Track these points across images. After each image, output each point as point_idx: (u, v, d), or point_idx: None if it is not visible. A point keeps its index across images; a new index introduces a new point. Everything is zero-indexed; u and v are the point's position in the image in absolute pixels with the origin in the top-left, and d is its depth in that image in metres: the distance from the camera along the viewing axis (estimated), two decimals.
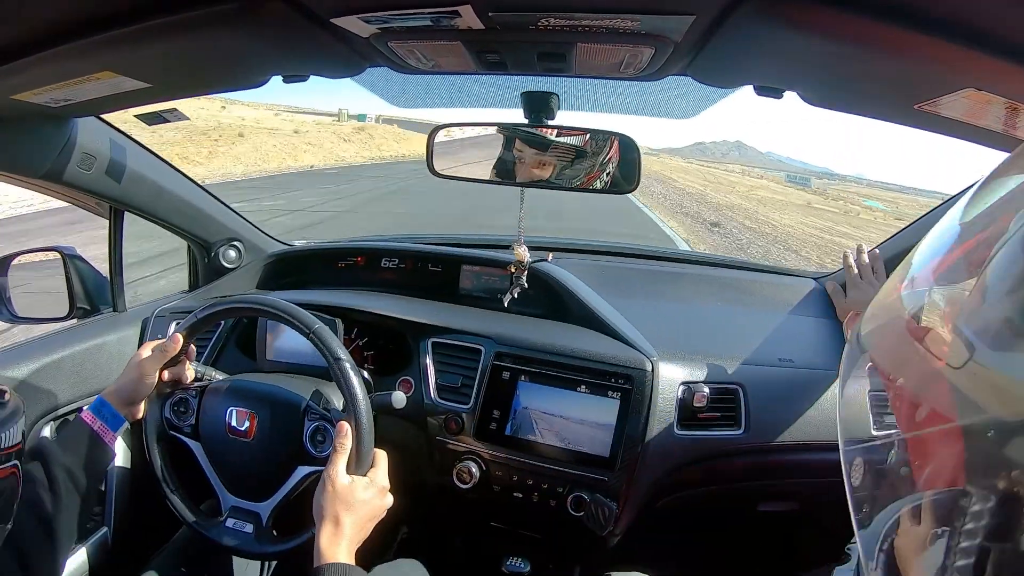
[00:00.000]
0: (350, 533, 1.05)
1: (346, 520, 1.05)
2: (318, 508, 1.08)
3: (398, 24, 0.86)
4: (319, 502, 1.09)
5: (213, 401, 1.29)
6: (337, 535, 1.04)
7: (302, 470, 1.25)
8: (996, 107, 0.89)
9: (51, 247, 1.68)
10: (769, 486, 1.60)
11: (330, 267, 2.05)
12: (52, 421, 1.52)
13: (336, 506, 1.07)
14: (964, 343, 0.42)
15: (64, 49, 0.90)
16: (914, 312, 0.50)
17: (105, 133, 1.48)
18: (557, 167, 1.32)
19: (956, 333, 0.44)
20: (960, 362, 0.41)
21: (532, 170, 1.32)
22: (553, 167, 1.32)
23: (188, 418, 1.29)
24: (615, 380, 1.48)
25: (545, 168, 1.32)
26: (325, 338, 1.18)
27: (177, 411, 1.29)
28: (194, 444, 1.28)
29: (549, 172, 1.32)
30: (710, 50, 0.91)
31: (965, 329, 0.43)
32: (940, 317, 0.46)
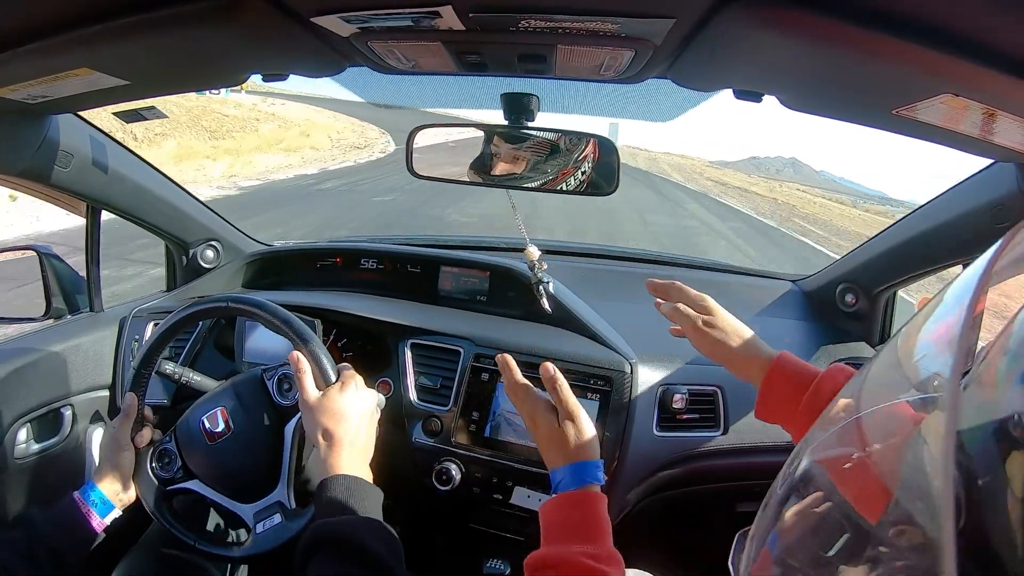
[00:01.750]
0: (346, 440, 1.04)
1: (335, 430, 1.05)
2: (309, 434, 1.08)
3: (378, 24, 0.86)
4: (306, 429, 1.09)
5: (186, 429, 1.27)
6: (333, 447, 1.03)
7: (289, 428, 1.24)
8: (973, 112, 0.90)
9: (27, 246, 1.66)
10: (747, 486, 1.61)
11: (309, 268, 2.04)
12: (28, 423, 1.50)
13: (320, 421, 1.06)
14: None
15: (42, 45, 0.89)
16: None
17: (83, 131, 1.47)
18: (531, 161, 1.32)
19: None
20: None
21: (506, 164, 1.33)
22: (527, 161, 1.32)
23: (175, 463, 1.27)
24: (594, 382, 1.48)
25: (519, 163, 1.32)
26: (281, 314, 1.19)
27: (163, 464, 1.27)
28: (192, 484, 1.26)
29: (523, 167, 1.32)
30: (690, 53, 0.91)
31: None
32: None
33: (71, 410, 1.61)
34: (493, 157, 1.34)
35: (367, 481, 1.01)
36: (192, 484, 1.25)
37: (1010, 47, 0.72)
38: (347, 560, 0.87)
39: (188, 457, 1.26)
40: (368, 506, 0.97)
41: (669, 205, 23.43)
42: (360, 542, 0.87)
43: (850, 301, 1.91)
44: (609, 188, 1.32)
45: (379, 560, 0.86)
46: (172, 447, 1.27)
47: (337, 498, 0.97)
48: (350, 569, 0.86)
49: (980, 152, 1.15)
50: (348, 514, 0.94)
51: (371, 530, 0.91)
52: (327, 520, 0.93)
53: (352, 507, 0.96)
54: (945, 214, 1.50)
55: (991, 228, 1.36)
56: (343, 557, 0.87)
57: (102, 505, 1.18)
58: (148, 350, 1.27)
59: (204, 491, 1.25)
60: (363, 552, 0.87)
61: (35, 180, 1.42)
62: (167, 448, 1.27)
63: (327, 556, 0.88)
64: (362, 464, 1.05)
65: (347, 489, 0.98)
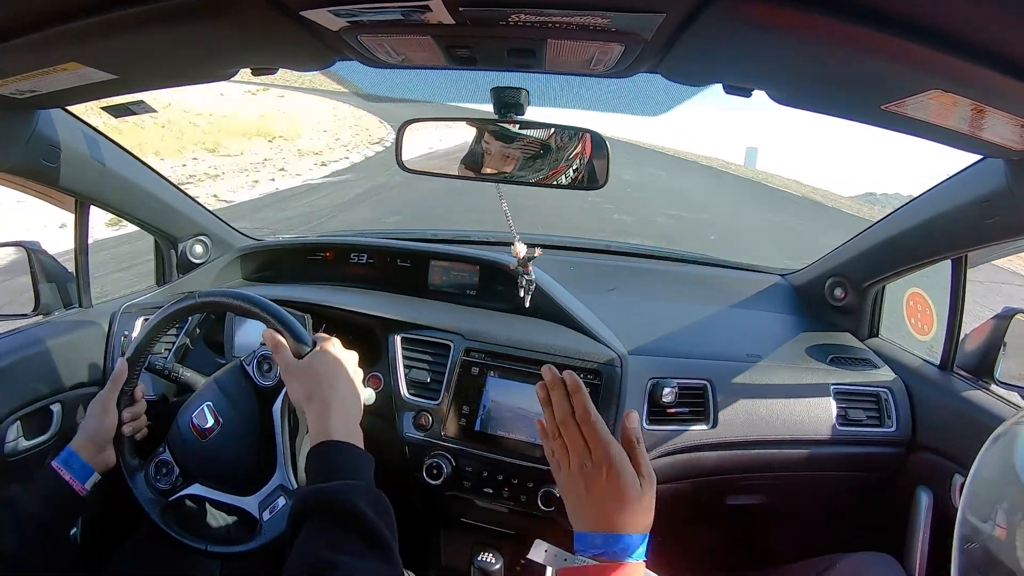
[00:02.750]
0: (332, 402, 1.03)
1: (319, 392, 1.04)
2: (295, 402, 1.08)
3: (368, 18, 0.85)
4: (292, 399, 1.08)
5: (177, 434, 1.27)
6: (320, 411, 1.02)
7: (276, 407, 1.25)
8: (962, 108, 0.91)
9: (15, 242, 1.64)
10: (737, 480, 1.63)
11: (298, 262, 2.03)
12: (18, 420, 1.49)
13: (302, 386, 1.06)
14: None
15: (30, 39, 0.88)
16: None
17: (72, 125, 1.46)
18: (521, 160, 1.32)
19: None
20: None
21: (497, 163, 1.33)
22: (517, 160, 1.32)
23: (173, 470, 1.26)
24: (584, 375, 1.48)
25: (509, 161, 1.32)
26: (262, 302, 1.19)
27: (162, 474, 1.26)
28: (193, 488, 1.25)
29: (513, 165, 1.32)
30: (679, 48, 0.91)
31: None
32: None
33: (60, 407, 1.60)
34: (484, 155, 1.34)
35: (356, 446, 1.00)
36: (193, 489, 1.25)
37: (999, 43, 0.72)
38: (335, 524, 0.85)
39: (185, 461, 1.26)
40: (357, 470, 0.96)
41: None
42: (348, 506, 0.86)
43: (839, 295, 1.93)
44: (599, 184, 1.32)
45: (368, 524, 0.85)
46: (167, 456, 1.26)
47: (326, 464, 0.96)
48: (338, 533, 0.85)
49: (969, 148, 1.15)
50: (337, 479, 0.93)
51: (359, 493, 0.89)
52: (315, 486, 0.92)
53: (341, 472, 0.94)
54: (934, 209, 1.51)
55: (980, 223, 1.37)
56: (331, 522, 0.86)
57: (81, 469, 1.18)
58: (137, 347, 1.27)
59: (206, 493, 1.25)
60: (351, 516, 0.85)
61: (22, 175, 1.42)
62: (163, 459, 1.27)
63: (315, 521, 0.86)
64: (351, 426, 1.03)
65: (336, 454, 0.97)
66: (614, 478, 0.86)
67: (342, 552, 0.81)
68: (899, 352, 1.81)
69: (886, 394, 1.66)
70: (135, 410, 1.28)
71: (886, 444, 1.63)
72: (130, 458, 1.27)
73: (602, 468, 0.86)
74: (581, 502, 0.87)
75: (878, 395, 1.66)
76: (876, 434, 1.63)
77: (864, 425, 1.63)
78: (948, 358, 1.64)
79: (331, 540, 0.84)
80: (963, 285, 1.58)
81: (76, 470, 1.18)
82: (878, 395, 1.66)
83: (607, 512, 0.85)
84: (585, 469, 0.87)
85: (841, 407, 1.62)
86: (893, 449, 1.65)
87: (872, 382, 1.67)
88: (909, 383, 1.68)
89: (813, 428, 1.59)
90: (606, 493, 0.85)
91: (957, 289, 1.59)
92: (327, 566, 0.78)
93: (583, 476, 0.87)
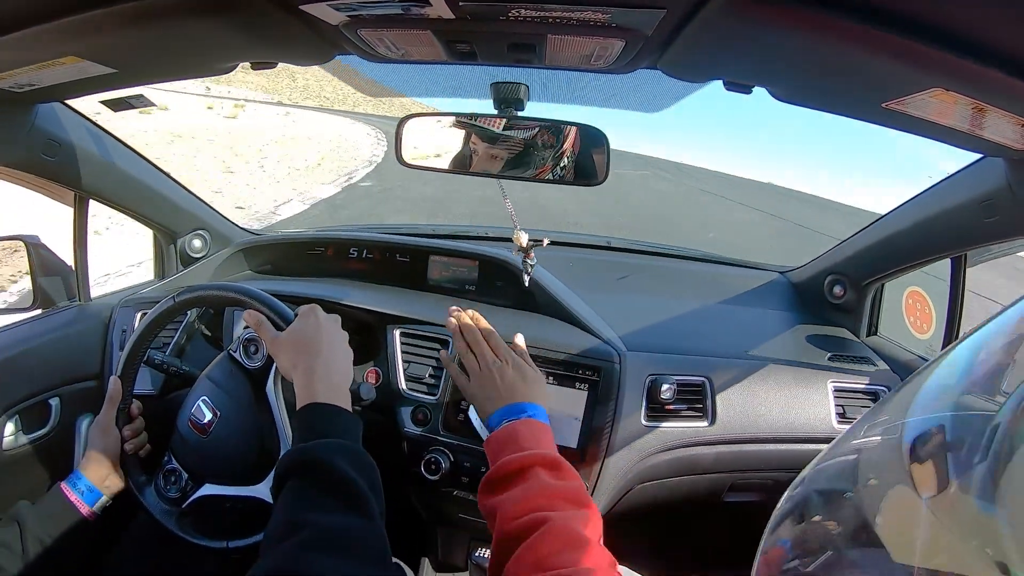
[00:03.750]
0: (317, 368, 1.03)
1: (303, 359, 1.05)
2: (284, 374, 1.08)
3: (368, 12, 0.85)
4: (281, 371, 1.10)
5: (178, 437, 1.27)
6: (305, 377, 1.02)
7: (270, 386, 1.25)
8: (963, 107, 0.90)
9: (14, 236, 1.64)
10: (735, 478, 1.63)
11: (298, 257, 2.03)
12: (16, 415, 1.49)
13: (288, 356, 1.07)
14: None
15: (29, 33, 0.88)
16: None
17: (71, 119, 1.46)
18: (506, 160, 1.33)
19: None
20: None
21: (484, 163, 1.34)
22: (503, 160, 1.33)
23: (181, 476, 1.26)
24: (583, 371, 1.48)
25: (496, 161, 1.33)
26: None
27: (171, 482, 1.26)
28: (203, 490, 1.25)
29: (499, 165, 1.33)
30: (680, 44, 0.91)
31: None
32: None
33: (59, 401, 1.60)
34: (472, 156, 1.35)
35: (338, 406, 1.00)
36: (204, 490, 1.25)
37: (1001, 42, 0.72)
38: (311, 483, 0.85)
39: (190, 463, 1.26)
40: (342, 431, 0.96)
41: None
42: (324, 464, 0.85)
43: (838, 293, 1.93)
44: (597, 179, 1.32)
45: (344, 480, 0.84)
46: (173, 464, 1.27)
47: (308, 425, 0.96)
48: (314, 492, 0.84)
49: (969, 146, 1.15)
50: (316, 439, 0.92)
51: (337, 450, 0.89)
52: (298, 446, 0.91)
53: (322, 432, 0.93)
54: (934, 208, 1.50)
55: (980, 222, 1.36)
56: (307, 481, 0.85)
57: (89, 493, 1.19)
58: (134, 342, 1.28)
59: (218, 490, 1.24)
60: (327, 473, 0.85)
61: (22, 169, 1.42)
62: (170, 468, 1.27)
63: (296, 481, 0.86)
64: (335, 387, 1.03)
65: (320, 416, 0.97)
66: (518, 367, 1.19)
67: (314, 510, 0.80)
68: (898, 350, 1.81)
69: (885, 392, 1.66)
70: (134, 427, 1.28)
71: None
72: (137, 475, 1.27)
73: (508, 361, 1.19)
74: (494, 390, 1.15)
75: (877, 394, 1.66)
76: None
77: None
78: None
79: (305, 499, 0.83)
80: (962, 284, 1.58)
81: (84, 493, 1.18)
82: (877, 394, 1.66)
83: (516, 389, 1.15)
84: (496, 365, 1.18)
85: (840, 405, 1.62)
86: None
87: (871, 380, 1.67)
88: None
89: (812, 426, 1.59)
90: (513, 377, 1.17)
91: (956, 288, 1.59)
92: (298, 525, 0.77)
93: (495, 371, 1.17)
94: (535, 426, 1.08)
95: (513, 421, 1.09)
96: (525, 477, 0.96)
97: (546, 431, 1.09)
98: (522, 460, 0.98)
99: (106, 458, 1.22)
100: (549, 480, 0.95)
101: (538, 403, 1.14)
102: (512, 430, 1.07)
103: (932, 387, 0.50)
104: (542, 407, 1.14)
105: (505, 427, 1.08)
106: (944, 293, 1.62)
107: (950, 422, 0.45)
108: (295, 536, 0.75)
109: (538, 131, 1.31)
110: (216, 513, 1.28)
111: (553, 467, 0.98)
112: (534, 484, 0.94)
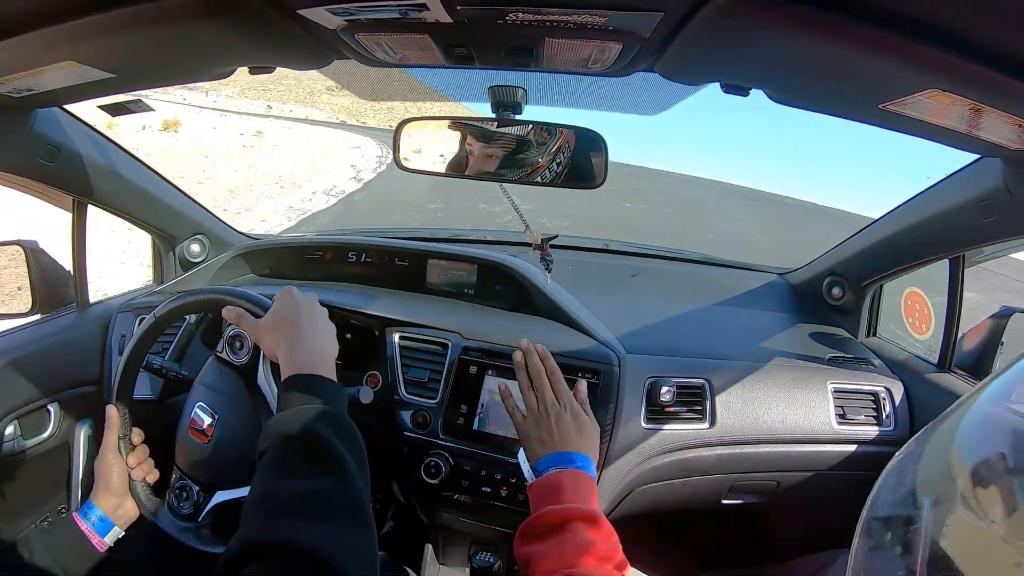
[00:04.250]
0: (294, 342, 1.04)
1: (283, 338, 1.05)
2: (268, 355, 1.10)
3: (366, 16, 0.85)
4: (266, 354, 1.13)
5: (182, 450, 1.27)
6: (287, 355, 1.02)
7: (261, 379, 1.25)
8: (960, 108, 0.90)
9: (12, 241, 1.64)
10: (735, 479, 1.63)
11: (296, 261, 2.03)
12: (15, 420, 1.49)
13: (270, 337, 1.08)
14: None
15: (26, 38, 0.88)
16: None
17: (69, 124, 1.46)
18: (503, 158, 1.33)
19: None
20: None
21: (480, 163, 1.35)
22: (498, 158, 1.33)
23: (192, 490, 1.26)
24: (582, 374, 1.48)
25: (491, 160, 1.33)
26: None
27: (183, 499, 1.26)
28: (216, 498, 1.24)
29: (495, 164, 1.34)
30: (677, 47, 0.91)
31: None
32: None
33: (58, 406, 1.60)
34: (468, 157, 1.35)
35: (318, 375, 0.98)
36: (216, 498, 1.24)
37: (997, 43, 0.72)
38: (286, 451, 0.84)
39: (198, 474, 1.25)
40: (322, 396, 0.94)
41: None
42: (299, 431, 0.85)
43: (836, 294, 1.93)
44: (595, 181, 1.32)
45: (320, 445, 0.84)
46: (183, 480, 1.26)
47: (288, 396, 0.94)
48: (289, 458, 0.83)
49: (966, 147, 1.15)
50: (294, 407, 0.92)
51: (316, 417, 0.88)
52: (276, 416, 0.91)
53: (300, 400, 0.93)
54: (932, 209, 1.51)
55: (977, 223, 1.37)
56: (282, 449, 0.85)
57: (100, 523, 1.18)
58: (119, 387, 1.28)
59: (230, 495, 1.24)
60: (302, 439, 0.84)
61: (20, 174, 1.42)
62: (180, 484, 1.26)
63: (272, 451, 0.85)
64: (316, 359, 1.02)
65: (299, 385, 0.96)
66: (576, 415, 1.17)
67: (288, 476, 0.80)
68: (897, 351, 1.81)
69: (884, 393, 1.66)
70: (138, 454, 1.28)
71: (884, 443, 1.63)
72: (148, 500, 1.26)
73: (567, 407, 1.17)
74: (547, 434, 1.14)
75: (876, 394, 1.66)
76: (874, 433, 1.63)
77: (862, 424, 1.63)
78: (946, 357, 1.65)
79: (280, 466, 0.83)
80: (961, 284, 1.59)
81: (95, 523, 1.18)
82: (876, 394, 1.66)
83: (569, 438, 1.13)
84: (554, 408, 1.17)
85: (839, 406, 1.62)
86: (891, 448, 1.65)
87: (870, 381, 1.67)
88: (907, 382, 1.68)
89: (811, 427, 1.59)
90: (569, 424, 1.15)
91: (955, 288, 1.59)
92: (272, 492, 0.77)
93: (552, 415, 1.16)
94: (581, 479, 1.07)
95: (560, 471, 1.08)
96: (563, 531, 0.96)
97: (591, 485, 1.07)
98: (563, 513, 0.99)
99: (115, 487, 1.22)
100: (586, 536, 0.95)
101: (589, 455, 1.12)
102: (557, 480, 1.06)
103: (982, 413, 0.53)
104: (592, 460, 1.12)
105: (551, 475, 1.08)
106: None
107: (1009, 446, 0.46)
108: (268, 503, 0.76)
109: (532, 128, 1.32)
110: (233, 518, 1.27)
111: (591, 522, 0.98)
112: (570, 539, 0.95)
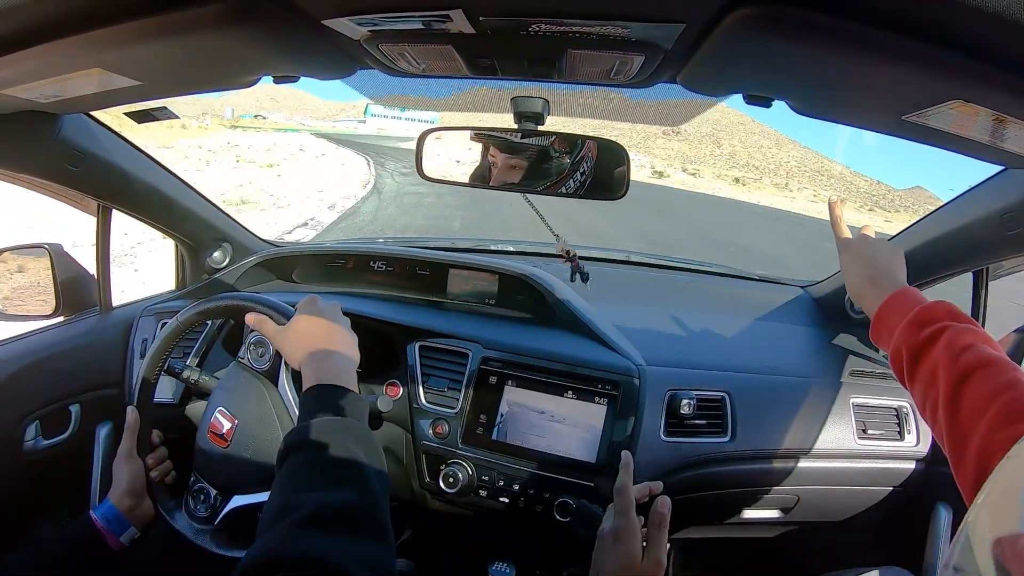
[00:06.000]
0: (318, 351, 1.03)
1: (307, 347, 1.04)
2: (291, 365, 1.08)
3: (389, 27, 0.86)
4: (289, 364, 1.09)
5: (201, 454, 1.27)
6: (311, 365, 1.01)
7: (282, 385, 1.26)
8: (983, 119, 0.89)
9: (38, 244, 1.67)
10: (754, 493, 1.61)
11: (318, 269, 2.04)
12: (37, 420, 1.51)
13: (293, 349, 1.06)
14: None
15: (55, 45, 0.89)
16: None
17: (96, 130, 1.47)
18: (526, 170, 1.34)
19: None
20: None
21: (504, 174, 1.35)
22: (523, 169, 1.33)
23: (210, 493, 1.26)
24: (602, 386, 1.48)
25: (515, 171, 1.34)
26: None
27: (200, 502, 1.26)
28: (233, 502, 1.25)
29: (519, 175, 1.34)
30: (699, 58, 0.91)
31: None
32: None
33: (79, 407, 1.62)
34: (491, 168, 1.35)
35: (342, 386, 0.98)
36: (234, 502, 1.24)
37: (1020, 52, 0.72)
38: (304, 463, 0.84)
39: (216, 477, 1.26)
40: (343, 409, 0.93)
41: None
42: (323, 443, 0.84)
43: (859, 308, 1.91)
44: (618, 192, 1.32)
45: (342, 459, 0.83)
46: (201, 483, 1.27)
47: (309, 407, 0.94)
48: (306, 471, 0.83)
49: (990, 158, 1.14)
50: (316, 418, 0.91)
51: (337, 429, 0.88)
52: (295, 427, 0.90)
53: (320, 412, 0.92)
54: (955, 221, 1.49)
55: (1002, 235, 1.35)
56: (300, 461, 0.84)
57: (117, 522, 1.19)
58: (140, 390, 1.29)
59: (247, 500, 1.24)
60: (325, 452, 0.84)
61: (47, 178, 1.44)
62: (198, 487, 1.27)
63: (291, 462, 0.85)
64: (341, 371, 1.01)
65: (321, 396, 0.95)
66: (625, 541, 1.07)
67: (309, 489, 0.80)
68: None
69: (907, 408, 1.64)
70: (158, 455, 1.29)
71: (906, 459, 1.61)
72: (166, 501, 1.28)
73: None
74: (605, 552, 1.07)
75: (899, 409, 1.64)
76: (896, 448, 1.61)
77: (884, 439, 1.61)
78: None
79: (299, 479, 0.83)
80: (984, 297, 1.57)
81: (112, 522, 1.19)
82: (899, 409, 1.64)
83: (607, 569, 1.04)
84: (618, 529, 1.07)
85: (861, 421, 1.61)
86: (913, 463, 1.63)
87: (892, 396, 1.65)
88: None
89: (832, 442, 1.57)
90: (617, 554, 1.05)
91: (978, 302, 1.57)
92: (291, 505, 0.76)
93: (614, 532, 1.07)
94: None
95: None
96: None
97: None
98: None
99: (133, 488, 1.23)
100: None
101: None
102: None
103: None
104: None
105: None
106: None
107: None
108: (289, 517, 0.74)
109: (555, 139, 1.32)
110: (250, 523, 1.28)
111: None
112: None
